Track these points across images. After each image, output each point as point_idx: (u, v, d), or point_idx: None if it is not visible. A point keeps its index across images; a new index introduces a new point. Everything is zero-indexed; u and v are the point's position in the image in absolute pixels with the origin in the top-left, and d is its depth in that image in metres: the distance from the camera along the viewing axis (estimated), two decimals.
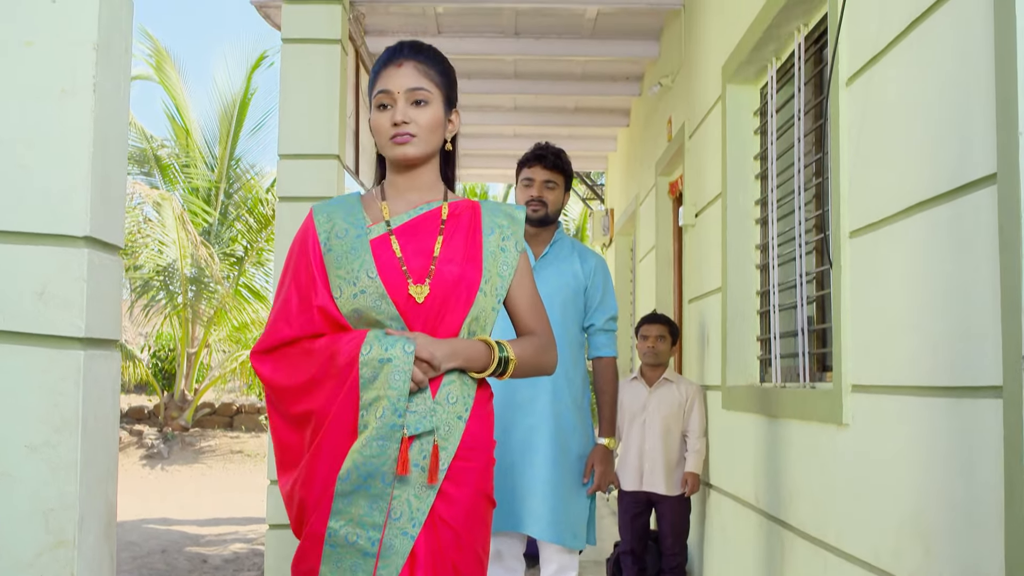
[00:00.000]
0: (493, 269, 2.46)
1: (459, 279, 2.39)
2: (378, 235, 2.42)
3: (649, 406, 5.50)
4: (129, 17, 2.48)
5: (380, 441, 2.25)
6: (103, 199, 2.35)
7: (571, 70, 8.62)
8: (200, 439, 16.52)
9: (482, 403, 2.46)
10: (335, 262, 2.39)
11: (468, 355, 2.37)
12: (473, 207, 2.54)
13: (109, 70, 2.37)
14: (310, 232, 2.45)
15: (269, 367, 2.38)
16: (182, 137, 17.68)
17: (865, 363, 3.13)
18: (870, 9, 3.11)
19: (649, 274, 8.27)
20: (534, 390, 3.91)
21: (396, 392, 2.25)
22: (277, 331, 2.38)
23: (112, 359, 2.44)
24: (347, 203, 2.51)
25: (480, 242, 2.48)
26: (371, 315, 2.35)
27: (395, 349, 2.26)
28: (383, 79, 2.44)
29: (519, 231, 2.55)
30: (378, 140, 2.46)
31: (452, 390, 2.37)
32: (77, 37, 2.29)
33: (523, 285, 2.56)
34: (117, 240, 2.45)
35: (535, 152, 4.17)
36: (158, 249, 16.37)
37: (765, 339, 4.79)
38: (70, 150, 2.29)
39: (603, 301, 4.11)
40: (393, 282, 2.35)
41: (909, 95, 2.82)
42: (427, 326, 2.36)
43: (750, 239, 4.99)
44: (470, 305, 2.39)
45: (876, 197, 3.05)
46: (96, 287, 2.33)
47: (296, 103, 5.42)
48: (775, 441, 4.17)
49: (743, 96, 5.09)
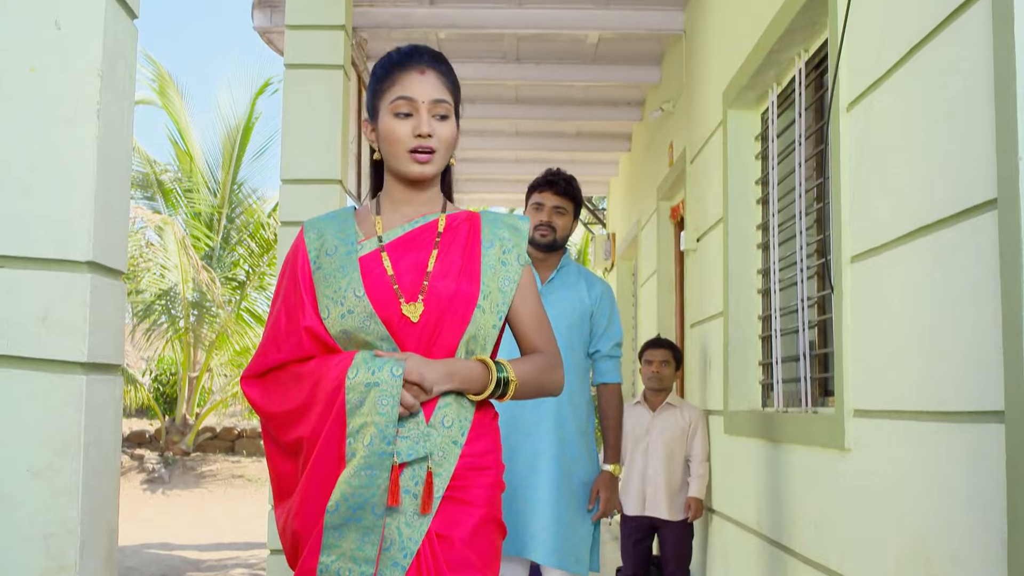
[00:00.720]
0: (493, 284, 2.31)
1: (454, 295, 2.25)
2: (368, 251, 2.30)
3: (652, 431, 5.48)
4: (133, 43, 2.49)
5: (369, 470, 2.13)
6: (106, 224, 2.36)
7: (572, 95, 8.65)
8: (201, 463, 16.49)
9: (484, 425, 2.32)
10: (323, 281, 2.27)
11: (464, 376, 2.24)
12: (472, 218, 2.40)
13: (113, 96, 2.38)
14: (300, 250, 2.34)
15: (259, 393, 2.29)
16: (185, 162, 17.72)
17: (867, 388, 3.12)
18: (870, 34, 3.12)
19: (651, 298, 8.26)
20: (539, 415, 3.90)
21: (384, 418, 2.13)
22: (266, 355, 2.29)
23: (114, 384, 2.44)
24: (340, 218, 2.39)
25: (479, 255, 2.33)
26: (360, 336, 2.23)
27: (383, 372, 2.14)
28: (405, 84, 2.28)
29: (522, 243, 2.40)
30: (392, 150, 2.30)
31: (448, 413, 2.24)
32: (81, 64, 2.30)
33: (526, 301, 2.40)
34: (120, 265, 2.46)
35: (546, 177, 4.19)
36: (160, 273, 16.39)
37: (767, 364, 4.79)
38: (73, 176, 2.29)
39: (609, 327, 4.11)
40: (382, 301, 2.22)
41: (909, 120, 2.82)
42: (420, 346, 2.24)
43: (752, 264, 4.99)
44: (467, 323, 2.25)
45: (877, 222, 3.05)
46: (99, 312, 2.33)
47: (298, 128, 5.43)
48: (777, 466, 4.16)
49: (744, 121, 5.10)
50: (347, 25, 5.55)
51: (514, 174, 11.00)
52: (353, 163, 6.22)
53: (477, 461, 2.28)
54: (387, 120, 2.30)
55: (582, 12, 6.70)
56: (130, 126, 2.48)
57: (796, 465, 3.90)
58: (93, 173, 2.29)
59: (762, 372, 4.88)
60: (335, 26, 5.48)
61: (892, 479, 2.91)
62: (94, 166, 2.28)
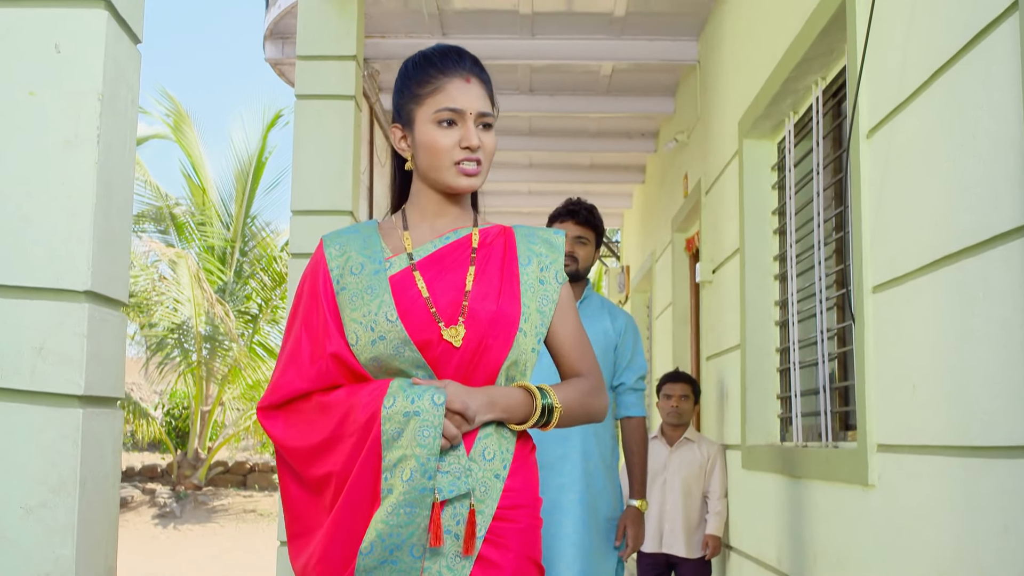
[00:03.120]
0: (532, 305, 2.15)
1: (496, 318, 2.08)
2: (399, 270, 2.12)
3: (670, 466, 5.38)
4: (136, 68, 2.44)
5: (408, 508, 1.96)
6: (106, 253, 2.29)
7: (586, 127, 8.60)
8: (213, 498, 16.39)
9: (523, 457, 2.16)
10: (349, 303, 2.09)
11: (507, 404, 2.07)
12: (506, 233, 2.24)
13: (114, 121, 2.32)
14: (320, 266, 2.15)
15: (280, 425, 2.10)
16: (198, 195, 17.77)
17: (891, 421, 3.03)
18: (891, 59, 3.05)
19: (666, 331, 8.19)
20: (564, 449, 3.83)
21: (425, 450, 1.96)
22: (287, 383, 2.10)
23: (113, 417, 2.36)
24: (363, 232, 2.20)
25: (517, 273, 2.17)
26: (393, 364, 2.06)
27: (423, 400, 1.97)
28: (451, 94, 2.12)
29: (559, 259, 2.23)
30: (435, 161, 2.13)
31: (489, 445, 2.07)
32: (81, 87, 2.24)
33: (566, 321, 2.23)
34: (121, 295, 2.38)
35: (567, 207, 4.13)
36: (173, 307, 16.37)
37: (785, 397, 4.70)
38: (72, 202, 2.22)
39: (633, 360, 4.04)
40: (418, 325, 2.05)
41: (933, 146, 2.75)
42: (459, 374, 2.07)
43: (769, 295, 4.91)
44: (509, 347, 2.08)
45: (900, 251, 2.97)
46: (97, 343, 2.25)
47: (309, 159, 5.38)
48: (797, 502, 4.06)
49: (760, 151, 5.04)
50: (358, 56, 5.50)
51: (527, 206, 10.95)
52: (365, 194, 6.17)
53: (517, 497, 2.12)
54: (428, 129, 2.13)
55: (595, 42, 6.65)
56: (132, 152, 2.42)
57: (817, 501, 3.80)
58: (92, 199, 2.22)
59: (780, 406, 4.80)
60: (346, 56, 5.44)
61: (918, 515, 2.81)
62: (93, 192, 2.22)
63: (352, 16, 5.46)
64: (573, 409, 2.18)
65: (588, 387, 2.23)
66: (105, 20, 2.24)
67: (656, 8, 6.32)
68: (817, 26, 3.80)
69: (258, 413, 2.15)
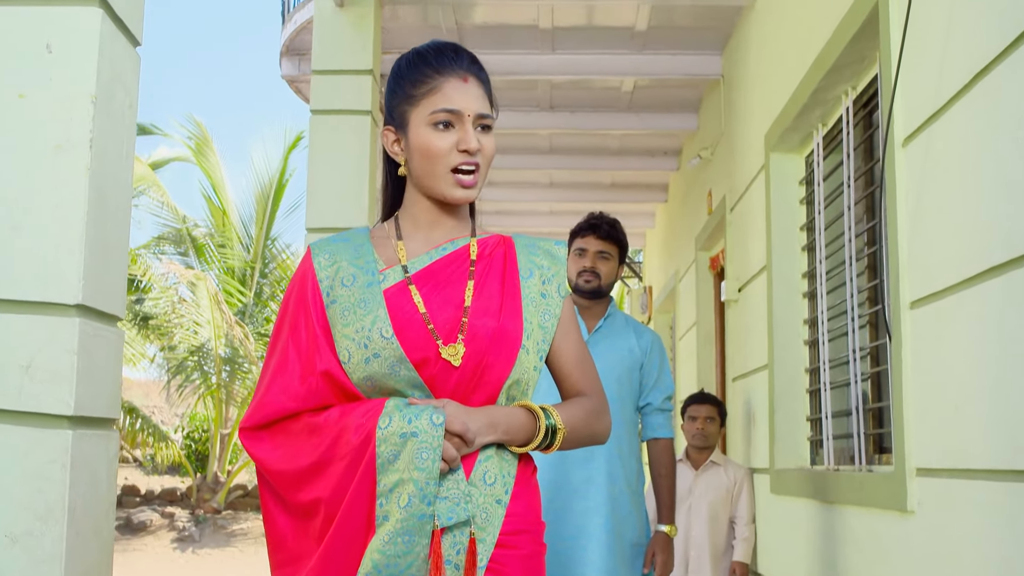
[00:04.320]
0: (534, 320, 2.02)
1: (497, 335, 1.95)
2: (393, 283, 1.98)
3: (695, 490, 5.24)
4: (134, 71, 2.31)
5: (406, 536, 1.82)
6: (99, 264, 2.15)
7: (607, 144, 8.48)
8: (232, 522, 16.27)
9: (525, 480, 2.02)
10: (341, 317, 1.96)
11: (508, 425, 1.94)
12: (506, 244, 2.10)
13: (109, 125, 2.19)
14: (309, 276, 2.01)
15: (266, 447, 1.95)
16: (218, 217, 17.77)
17: (930, 444, 2.88)
18: (928, 64, 2.91)
19: (690, 352, 8.05)
20: (588, 471, 3.70)
21: (424, 474, 1.82)
22: (273, 402, 1.95)
23: (107, 440, 2.22)
24: (354, 241, 2.07)
25: (518, 287, 2.04)
26: (388, 383, 1.92)
27: (421, 421, 1.83)
28: (447, 94, 1.99)
29: (561, 271, 2.10)
30: (430, 167, 2.00)
31: (490, 468, 1.94)
32: (74, 89, 2.11)
33: (569, 337, 2.09)
34: (116, 310, 2.24)
35: (589, 221, 3.99)
36: (193, 329, 16.31)
37: (816, 419, 4.55)
38: (63, 210, 2.09)
39: (660, 379, 3.90)
40: (415, 343, 1.92)
41: (973, 152, 2.61)
42: (459, 394, 1.94)
43: (798, 313, 4.78)
44: (511, 365, 1.95)
45: (939, 264, 2.82)
46: (89, 360, 2.12)
47: (325, 175, 5.27)
48: (830, 528, 3.90)
49: (787, 165, 4.91)
50: (375, 70, 5.40)
51: (548, 227, 10.81)
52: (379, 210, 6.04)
53: (519, 522, 1.98)
54: (423, 132, 2.00)
55: (617, 57, 6.54)
56: (130, 158, 2.29)
57: (851, 527, 3.64)
58: (84, 207, 2.08)
59: (810, 428, 4.65)
60: (363, 71, 5.33)
61: (960, 544, 2.67)
62: (85, 199, 2.08)
63: (369, 30, 5.35)
64: (577, 430, 2.04)
65: (592, 407, 2.09)
66: (100, 19, 2.12)
67: (679, 22, 6.20)
68: (848, 33, 3.67)
69: (240, 434, 1.99)
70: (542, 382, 3.49)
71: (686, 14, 6.06)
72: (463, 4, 6.00)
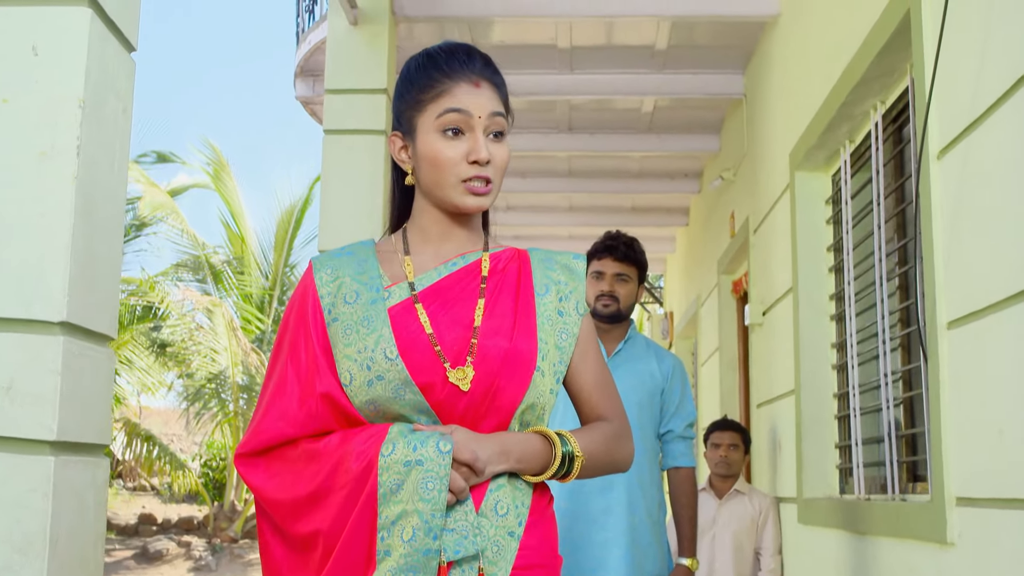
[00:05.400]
0: (550, 340, 1.87)
1: (510, 357, 1.81)
2: (398, 301, 1.84)
3: (719, 520, 5.08)
4: (129, 77, 2.19)
5: (410, 573, 1.68)
6: (87, 279, 2.02)
7: (627, 167, 8.36)
8: (249, 551, 16.11)
9: (540, 511, 1.87)
10: (342, 336, 1.82)
11: (522, 453, 1.80)
12: (520, 258, 1.96)
13: (99, 132, 2.06)
14: (310, 294, 1.87)
15: (262, 475, 1.81)
16: (237, 244, 17.73)
17: (972, 472, 2.73)
18: (965, 71, 2.77)
19: (712, 378, 7.90)
20: (607, 501, 3.53)
21: (429, 505, 1.68)
22: (270, 427, 1.81)
23: (96, 467, 2.07)
24: (358, 255, 1.91)
25: (533, 305, 1.89)
26: (392, 408, 1.79)
27: (426, 448, 1.70)
28: (456, 95, 1.85)
29: (580, 287, 1.95)
30: (439, 177, 1.85)
31: (502, 498, 1.79)
32: (60, 92, 1.98)
33: (588, 358, 1.94)
34: (106, 328, 2.11)
35: (605, 242, 3.83)
36: (210, 357, 16.23)
37: (845, 446, 4.39)
38: (47, 220, 1.95)
39: (681, 405, 3.73)
40: (421, 365, 1.78)
41: (1013, 162, 2.47)
42: (467, 420, 1.79)
43: (825, 337, 4.63)
44: (524, 389, 1.81)
45: (979, 281, 2.68)
46: (74, 382, 1.98)
47: (338, 196, 5.14)
48: (862, 560, 3.74)
49: (813, 184, 4.78)
50: (389, 89, 5.27)
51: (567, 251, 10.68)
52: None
53: (534, 556, 1.83)
54: (431, 139, 1.85)
55: (637, 77, 6.42)
56: (123, 168, 2.16)
57: (885, 560, 3.48)
58: (70, 217, 1.95)
59: (839, 455, 4.49)
60: (376, 90, 5.21)
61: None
62: (71, 209, 1.94)
63: (383, 48, 5.24)
64: (597, 457, 1.89)
65: (613, 432, 1.93)
66: (89, 20, 1.99)
67: (700, 40, 6.08)
68: (877, 44, 3.53)
69: (235, 460, 1.85)
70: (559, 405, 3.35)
71: (707, 31, 5.94)
72: (480, 22, 5.89)
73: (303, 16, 6.53)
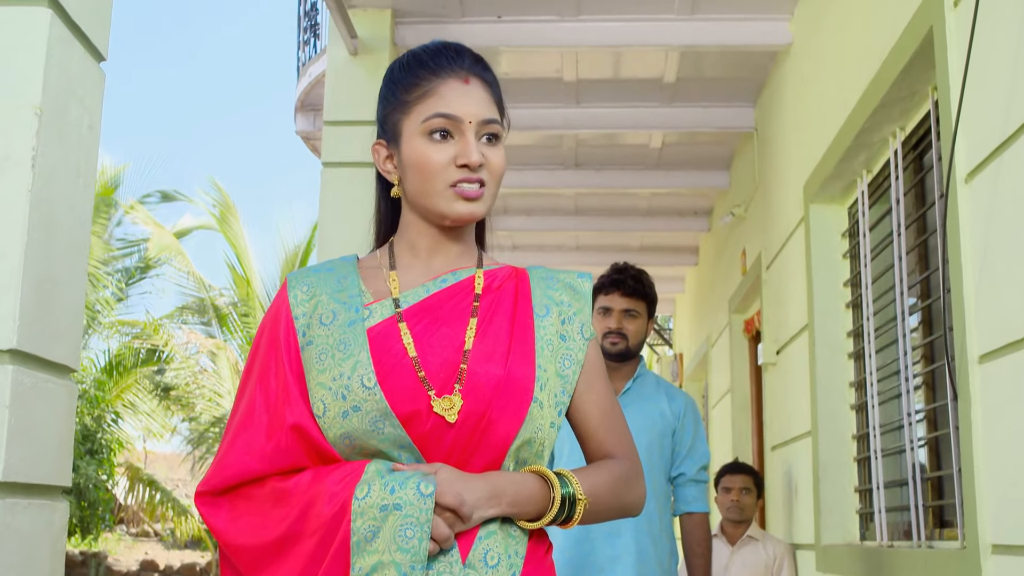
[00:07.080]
0: (551, 367, 1.67)
1: (504, 385, 1.60)
2: (380, 320, 1.64)
3: (732, 568, 4.88)
4: (96, 86, 2.02)
5: None
6: (43, 303, 1.84)
7: (636, 204, 8.20)
8: None
9: (538, 560, 1.66)
10: (316, 361, 1.61)
11: (515, 496, 1.58)
12: (519, 276, 1.75)
13: (59, 143, 1.89)
14: (283, 313, 1.67)
15: (224, 516, 1.60)
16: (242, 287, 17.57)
17: (1008, 516, 2.52)
18: (996, 86, 2.59)
19: (724, 420, 7.69)
20: (615, 549, 3.33)
21: (408, 556, 1.48)
22: (235, 462, 1.60)
23: (51, 511, 1.88)
24: (338, 271, 1.72)
25: (531, 327, 1.68)
26: (370, 443, 1.58)
27: (405, 491, 1.50)
28: (443, 97, 1.67)
29: (585, 309, 1.74)
30: (426, 184, 1.66)
31: (492, 547, 1.58)
32: (14, 99, 1.81)
33: (594, 387, 1.72)
34: (66, 359, 1.92)
35: (612, 276, 3.63)
36: (215, 400, 16.05)
37: (865, 490, 4.18)
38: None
39: (694, 447, 3.53)
40: (402, 393, 1.57)
41: None
42: (454, 457, 1.59)
43: (843, 376, 4.44)
44: (520, 422, 1.60)
45: (1013, 311, 2.49)
46: (24, 417, 1.78)
47: (336, 229, 4.99)
48: None
49: (829, 216, 4.60)
50: None
51: None
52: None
53: None
54: (417, 143, 1.66)
55: (645, 110, 6.27)
56: (88, 185, 1.99)
57: None
58: (23, 235, 1.76)
59: (859, 500, 4.27)
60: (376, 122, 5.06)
61: None
62: (24, 226, 1.77)
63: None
64: (603, 500, 1.66)
65: (622, 472, 1.71)
66: (48, 21, 1.83)
67: (709, 73, 5.93)
68: (898, 65, 3.36)
69: (196, 499, 1.62)
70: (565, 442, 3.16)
71: (716, 62, 5.78)
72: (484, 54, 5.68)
73: (302, 48, 6.40)
